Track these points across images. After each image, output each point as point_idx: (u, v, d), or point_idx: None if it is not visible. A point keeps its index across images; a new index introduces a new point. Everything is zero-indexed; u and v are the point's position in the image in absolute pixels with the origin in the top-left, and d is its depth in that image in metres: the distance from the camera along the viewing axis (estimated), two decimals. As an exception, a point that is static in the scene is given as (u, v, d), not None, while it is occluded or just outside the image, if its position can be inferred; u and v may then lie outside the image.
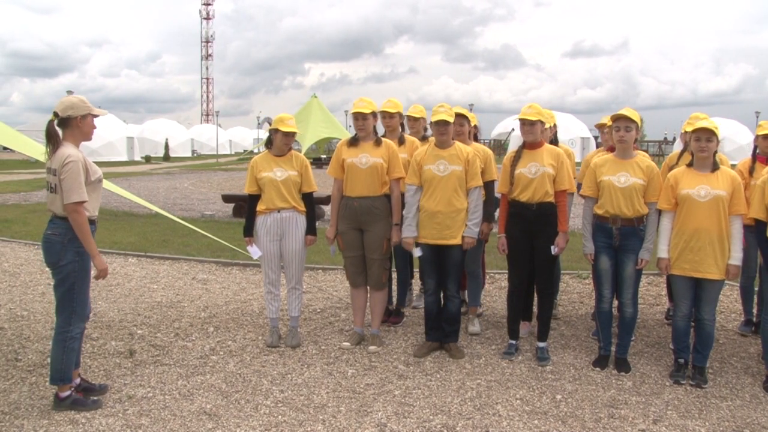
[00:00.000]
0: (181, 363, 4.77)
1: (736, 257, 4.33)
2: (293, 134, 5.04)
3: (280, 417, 3.88)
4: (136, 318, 5.91)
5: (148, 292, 6.92)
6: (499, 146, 38.55)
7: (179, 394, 4.21)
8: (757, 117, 49.44)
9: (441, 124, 4.72)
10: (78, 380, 4.11)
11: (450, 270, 4.83)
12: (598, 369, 4.65)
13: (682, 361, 4.52)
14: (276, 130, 5.00)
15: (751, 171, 5.12)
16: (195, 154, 63.32)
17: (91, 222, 3.87)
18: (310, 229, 5.14)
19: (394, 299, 5.99)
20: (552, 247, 4.70)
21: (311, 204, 5.21)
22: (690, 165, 4.48)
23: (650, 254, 4.60)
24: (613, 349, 4.77)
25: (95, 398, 4.03)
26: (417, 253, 4.91)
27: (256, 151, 37.14)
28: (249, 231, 5.14)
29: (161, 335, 5.42)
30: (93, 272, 3.95)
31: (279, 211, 5.02)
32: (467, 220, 4.78)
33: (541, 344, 4.88)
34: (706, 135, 4.37)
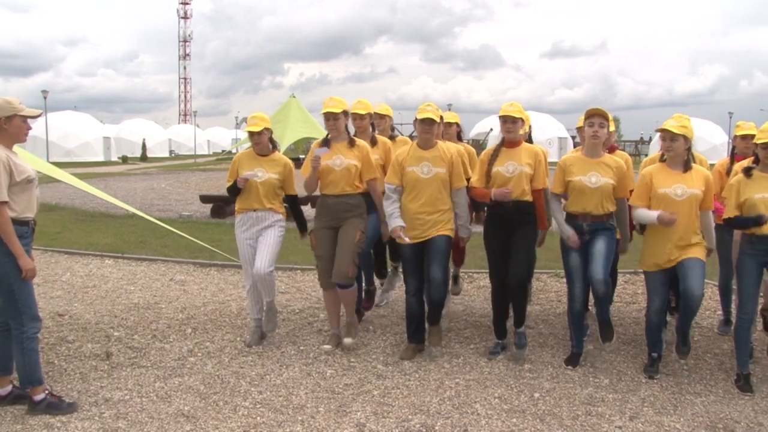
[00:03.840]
0: (159, 365, 4.73)
1: (711, 242, 4.56)
2: (256, 134, 4.93)
3: (258, 418, 3.87)
4: (113, 320, 5.84)
5: (125, 293, 6.84)
6: (477, 146, 38.69)
7: (156, 397, 4.17)
8: (731, 117, 50.02)
9: (427, 123, 4.69)
10: (10, 387, 4.02)
11: (434, 256, 4.71)
12: (570, 367, 4.68)
13: (655, 355, 4.57)
14: None
15: (729, 171, 5.06)
16: (173, 155, 62.79)
17: (25, 223, 3.80)
18: (301, 226, 5.28)
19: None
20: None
21: (297, 206, 5.22)
22: (663, 161, 4.54)
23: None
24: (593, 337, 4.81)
25: (71, 401, 3.98)
26: (407, 240, 4.92)
27: (234, 151, 36.91)
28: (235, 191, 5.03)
29: (138, 337, 5.37)
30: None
31: (255, 211, 5.00)
32: (459, 221, 4.82)
33: (519, 329, 4.83)
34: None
